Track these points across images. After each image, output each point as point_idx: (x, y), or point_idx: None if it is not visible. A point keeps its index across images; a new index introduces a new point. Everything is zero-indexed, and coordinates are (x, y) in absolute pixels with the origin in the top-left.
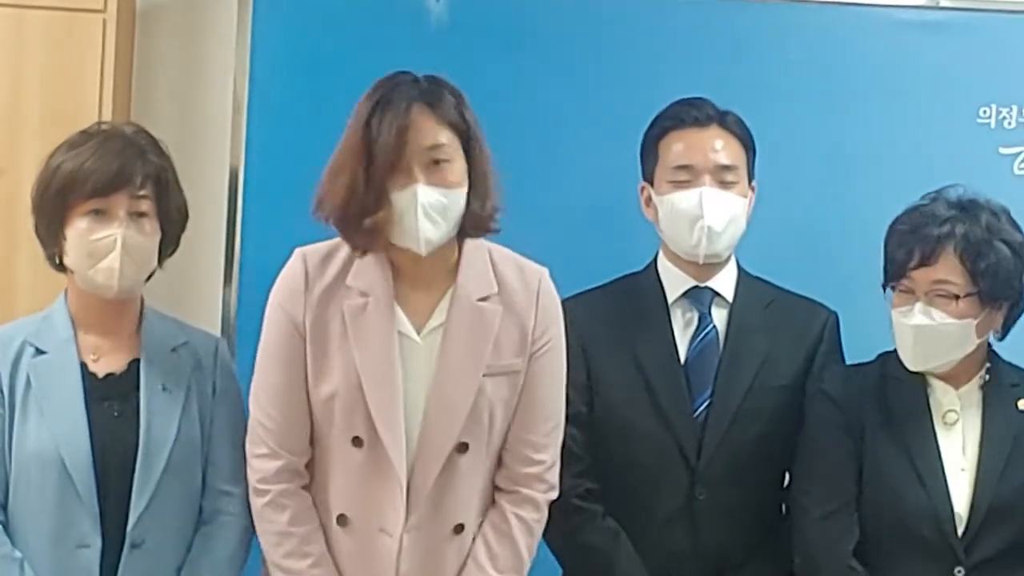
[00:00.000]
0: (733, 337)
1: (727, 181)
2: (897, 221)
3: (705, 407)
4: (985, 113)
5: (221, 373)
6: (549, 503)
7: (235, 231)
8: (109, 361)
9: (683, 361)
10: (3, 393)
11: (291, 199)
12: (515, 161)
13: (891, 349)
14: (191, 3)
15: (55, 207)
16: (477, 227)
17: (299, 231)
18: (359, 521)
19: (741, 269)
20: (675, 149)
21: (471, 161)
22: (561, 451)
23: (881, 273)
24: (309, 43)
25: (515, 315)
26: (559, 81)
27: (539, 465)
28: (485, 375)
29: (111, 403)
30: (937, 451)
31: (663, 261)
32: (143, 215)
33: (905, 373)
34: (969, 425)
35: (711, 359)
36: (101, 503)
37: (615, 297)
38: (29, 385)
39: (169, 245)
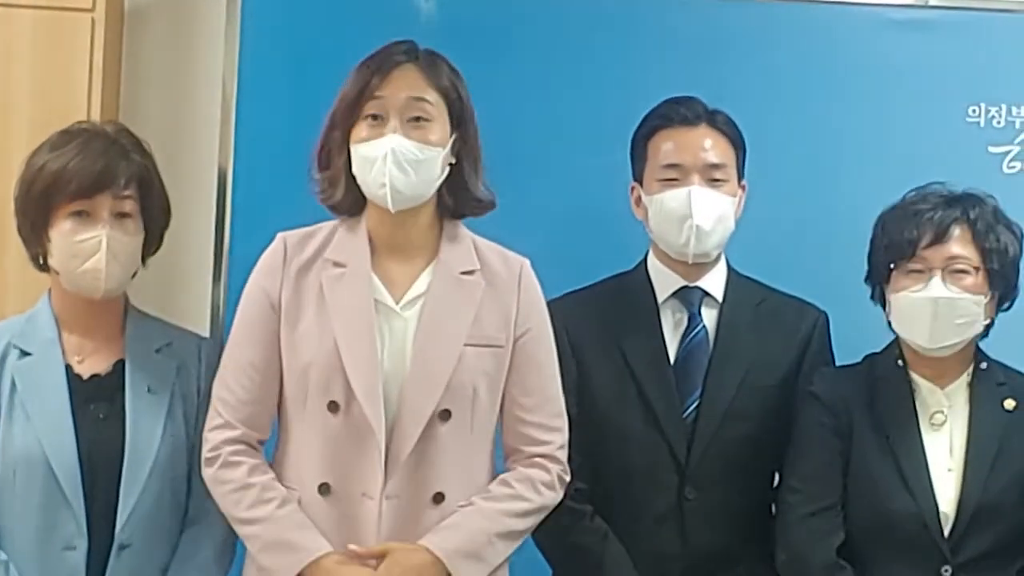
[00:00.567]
0: (723, 337)
1: (716, 180)
2: (896, 208)
3: (695, 407)
4: (974, 112)
5: (206, 374)
6: (563, 484)
7: (224, 230)
8: (94, 362)
9: (673, 361)
10: None
11: (280, 198)
12: (505, 161)
13: (877, 351)
14: (179, 2)
15: (38, 208)
16: (465, 204)
17: (288, 229)
18: (341, 488)
19: (731, 269)
20: (664, 148)
21: (461, 134)
22: None
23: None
24: (298, 43)
25: (497, 294)
26: (549, 81)
27: (547, 445)
28: (467, 344)
29: (96, 405)
30: (923, 451)
31: (653, 261)
32: (127, 215)
33: (892, 374)
34: (956, 425)
35: (701, 359)
36: (87, 505)
37: (605, 297)
38: (14, 387)
39: (152, 244)
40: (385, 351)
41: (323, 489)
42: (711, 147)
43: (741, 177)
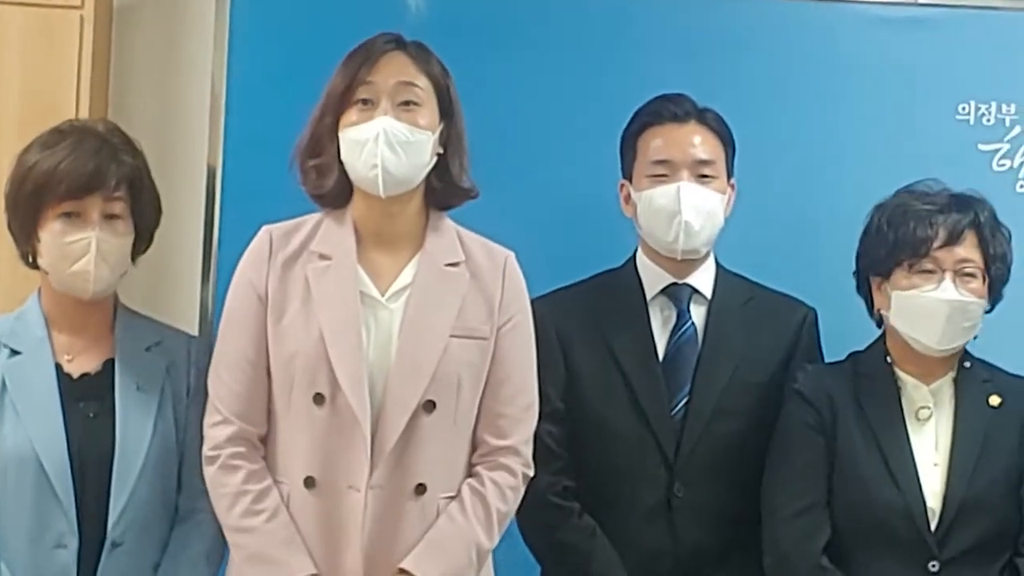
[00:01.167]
0: (711, 334)
1: (705, 176)
2: (900, 205)
3: (683, 404)
4: (964, 110)
5: (196, 372)
6: (526, 479)
7: (213, 228)
8: (83, 361)
9: (661, 358)
10: None
11: (269, 196)
12: (494, 158)
13: (861, 348)
14: (168, 0)
15: (28, 207)
16: (451, 194)
17: None
18: (327, 480)
19: (720, 266)
20: (653, 144)
21: (449, 124)
22: (539, 448)
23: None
24: (287, 40)
25: (481, 286)
26: (537, 78)
27: (514, 437)
28: (452, 336)
29: (87, 404)
30: (909, 446)
31: (642, 258)
32: (117, 217)
33: (877, 371)
34: (941, 420)
35: (689, 356)
36: (78, 503)
37: (593, 294)
38: (4, 386)
39: (143, 243)
40: (371, 343)
41: (308, 482)
42: (700, 144)
43: (730, 175)
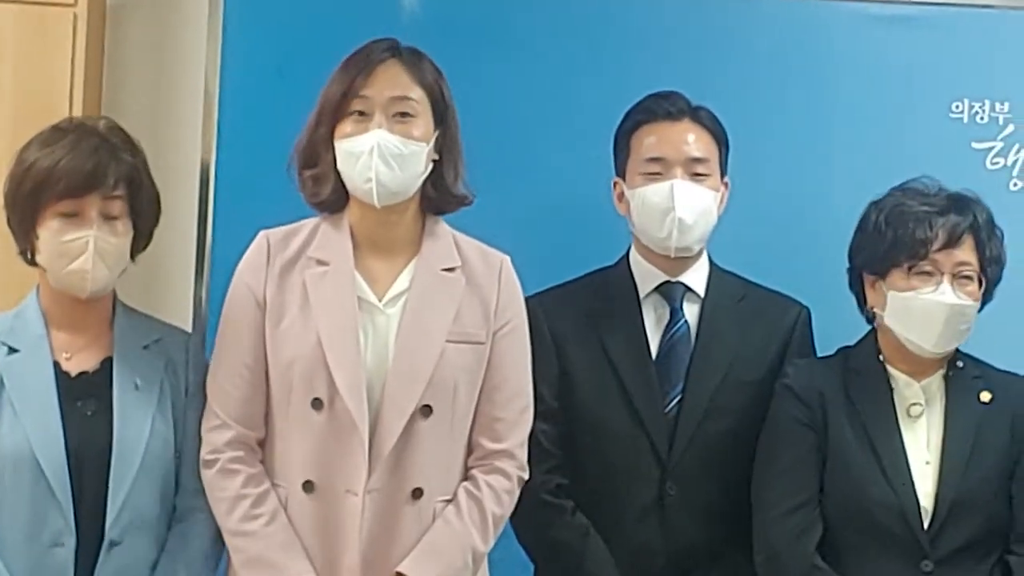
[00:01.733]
0: (705, 332)
1: (699, 174)
2: (897, 205)
3: (676, 402)
4: (957, 108)
5: (194, 370)
6: (521, 482)
7: (206, 226)
8: (81, 359)
9: (655, 356)
10: None
11: (263, 194)
12: (488, 157)
13: (852, 344)
14: None
15: (27, 205)
16: (446, 200)
17: (270, 225)
18: (325, 485)
19: (713, 264)
20: (647, 142)
21: (444, 131)
22: (532, 446)
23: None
24: (280, 37)
25: (478, 290)
26: (530, 77)
27: (509, 441)
28: (448, 341)
29: (84, 402)
30: (901, 444)
31: (635, 256)
32: (115, 217)
33: (868, 367)
34: (933, 418)
35: (682, 354)
36: (76, 502)
37: (587, 292)
38: (2, 384)
39: (141, 242)
40: (368, 348)
41: (307, 487)
42: (694, 141)
43: (724, 173)
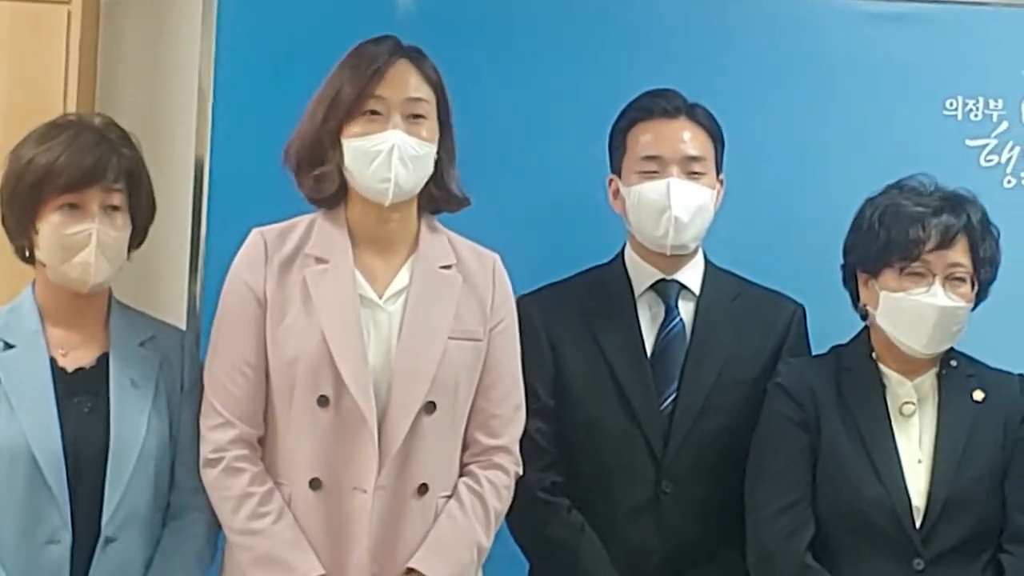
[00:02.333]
0: (700, 330)
1: (695, 172)
2: (892, 204)
3: (672, 400)
4: (951, 105)
5: (189, 367)
6: (516, 477)
7: (200, 223)
8: (78, 355)
9: (650, 354)
10: None
11: (257, 191)
12: (483, 155)
13: (844, 342)
14: None
15: (27, 201)
16: (448, 200)
17: (265, 222)
18: (332, 482)
19: (708, 262)
20: (643, 140)
21: (443, 130)
22: (527, 444)
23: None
24: (275, 34)
25: (474, 288)
26: (527, 74)
27: (505, 437)
28: (450, 338)
29: (81, 398)
30: (893, 443)
31: (630, 254)
32: (116, 209)
33: (860, 365)
34: (925, 416)
35: (678, 353)
36: (72, 498)
37: (582, 290)
38: None
39: (138, 238)
40: (371, 345)
41: (314, 484)
42: (690, 139)
43: (719, 171)
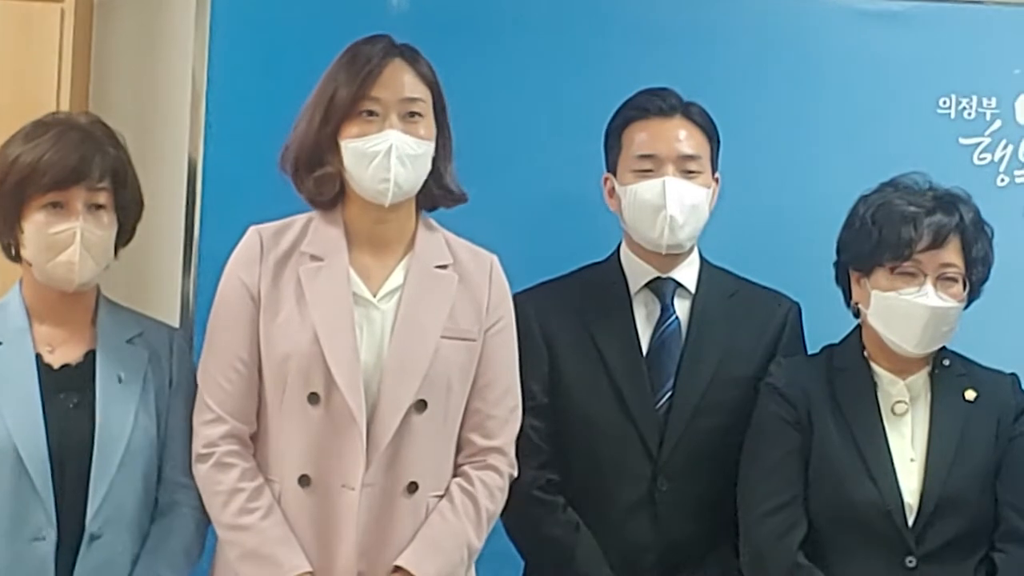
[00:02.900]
0: (695, 328)
1: (690, 171)
2: (885, 204)
3: (667, 398)
4: (945, 104)
5: (178, 365)
6: (511, 480)
7: (194, 221)
8: (64, 352)
9: (645, 352)
10: None
11: (250, 189)
12: (477, 153)
13: (836, 342)
14: None
15: (12, 199)
16: (446, 197)
17: (258, 221)
18: (321, 479)
19: (704, 260)
20: (638, 139)
21: (440, 127)
22: (523, 442)
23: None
24: (268, 33)
25: (470, 288)
26: (522, 72)
27: (500, 439)
28: (443, 337)
29: (67, 394)
30: (886, 442)
31: (626, 252)
32: (101, 207)
33: (853, 365)
34: (917, 415)
35: (673, 350)
36: (57, 495)
37: (577, 288)
38: None
39: (125, 236)
40: (363, 343)
41: (303, 480)
42: (686, 138)
43: (715, 169)
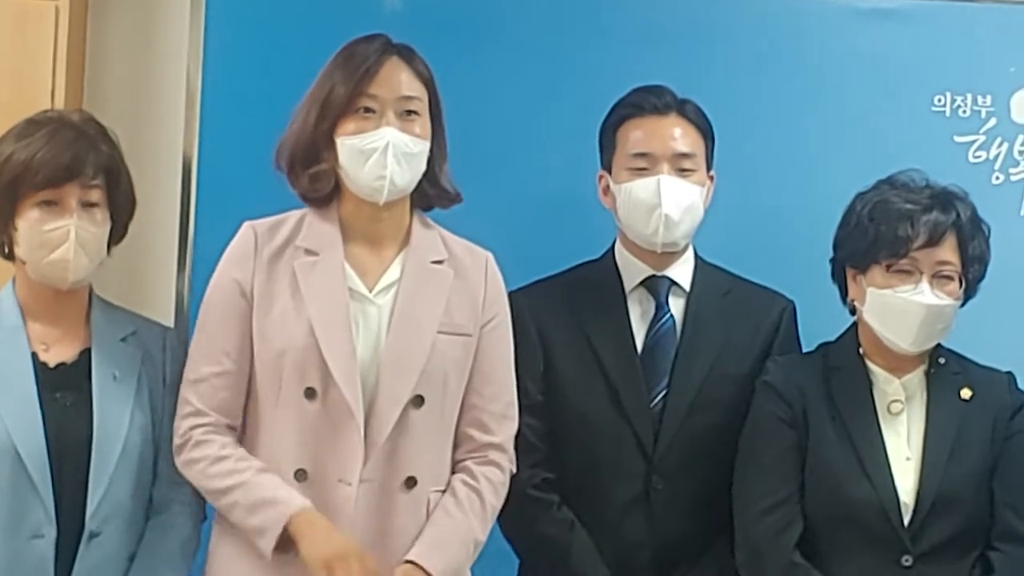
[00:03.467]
0: (690, 327)
1: (685, 169)
2: (882, 201)
3: (662, 397)
4: (940, 102)
5: (171, 364)
6: (510, 476)
7: (188, 219)
8: (59, 351)
9: (640, 351)
10: None
11: (245, 187)
12: (472, 152)
13: (832, 340)
14: None
15: (5, 197)
16: (441, 197)
17: (253, 219)
18: (317, 474)
19: (699, 258)
20: (633, 137)
21: (435, 127)
22: (518, 441)
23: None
24: (262, 32)
25: (466, 284)
26: (516, 71)
27: (500, 435)
28: (440, 332)
29: (63, 393)
30: (881, 441)
31: (620, 250)
32: (94, 205)
33: (848, 363)
34: (913, 414)
35: (668, 349)
36: (55, 493)
37: (571, 286)
38: None
39: (118, 233)
40: (360, 338)
41: (299, 475)
42: (680, 136)
43: (709, 167)
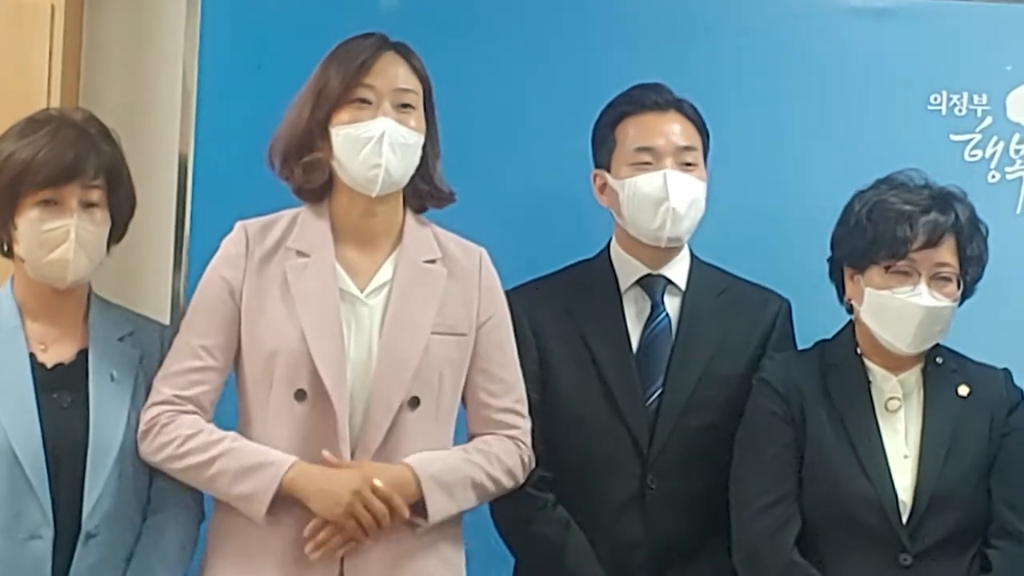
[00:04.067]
0: (686, 325)
1: (688, 163)
2: (880, 201)
3: (657, 396)
4: (936, 100)
5: None
6: (527, 469)
7: (184, 219)
8: (57, 351)
9: (635, 350)
10: None
11: (241, 187)
12: (466, 150)
13: (829, 337)
14: None
15: (5, 196)
16: (435, 195)
17: (248, 218)
18: None
19: (694, 257)
20: (634, 133)
21: (429, 124)
22: None
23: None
24: (258, 30)
25: (459, 283)
26: (510, 70)
27: (516, 429)
28: (433, 332)
29: (60, 393)
30: (879, 438)
31: (616, 249)
32: (95, 205)
33: (846, 361)
34: (911, 412)
35: (663, 348)
36: (52, 494)
37: (567, 285)
38: None
39: (117, 233)
40: (351, 339)
41: None
42: (681, 132)
43: (705, 166)
